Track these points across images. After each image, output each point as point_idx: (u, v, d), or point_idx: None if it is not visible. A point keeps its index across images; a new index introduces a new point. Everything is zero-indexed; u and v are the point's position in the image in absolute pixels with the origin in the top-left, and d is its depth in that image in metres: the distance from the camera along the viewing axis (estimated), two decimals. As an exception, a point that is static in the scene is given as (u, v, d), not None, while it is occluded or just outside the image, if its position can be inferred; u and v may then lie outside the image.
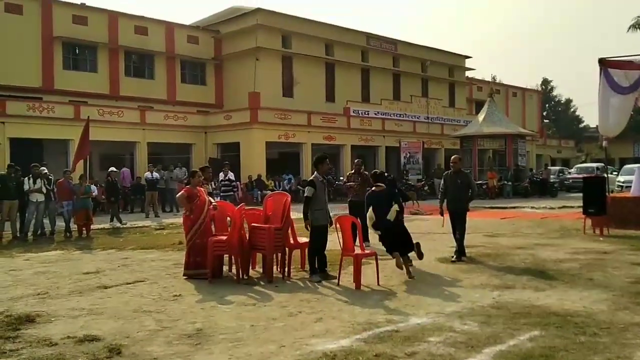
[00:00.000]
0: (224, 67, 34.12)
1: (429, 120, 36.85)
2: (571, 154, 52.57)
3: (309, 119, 29.41)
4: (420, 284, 7.43)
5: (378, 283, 7.38)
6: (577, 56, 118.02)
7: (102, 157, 26.24)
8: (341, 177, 24.43)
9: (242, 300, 6.65)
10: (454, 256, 9.10)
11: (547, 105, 71.24)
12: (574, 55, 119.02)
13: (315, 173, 8.06)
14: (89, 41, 28.69)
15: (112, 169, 17.66)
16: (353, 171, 11.55)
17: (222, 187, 17.90)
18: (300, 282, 7.70)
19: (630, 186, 14.91)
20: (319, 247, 7.92)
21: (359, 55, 36.94)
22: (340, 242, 7.56)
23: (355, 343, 4.87)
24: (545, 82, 73.94)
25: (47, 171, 14.01)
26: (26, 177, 13.53)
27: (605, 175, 14.11)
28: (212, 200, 8.72)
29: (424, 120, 36.73)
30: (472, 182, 9.87)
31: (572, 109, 75.49)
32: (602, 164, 28.86)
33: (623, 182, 24.50)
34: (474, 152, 29.92)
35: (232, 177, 18.80)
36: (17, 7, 26.52)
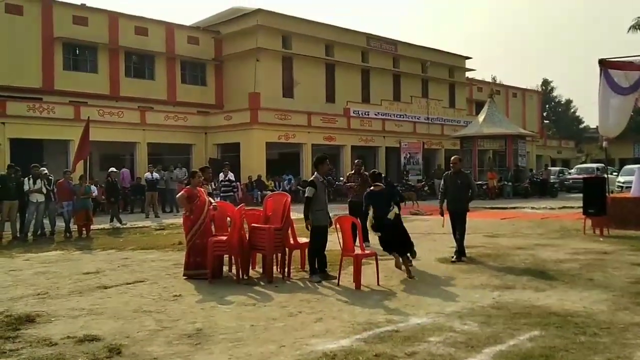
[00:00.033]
0: (224, 67, 34.14)
1: (429, 121, 36.85)
2: (571, 155, 52.59)
3: (309, 119, 29.42)
4: (420, 284, 7.43)
5: (378, 283, 7.38)
6: (577, 57, 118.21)
7: (102, 157, 26.25)
8: (341, 178, 24.43)
9: (242, 300, 6.65)
10: (454, 256, 9.10)
11: (547, 106, 71.25)
12: (574, 56, 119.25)
13: (316, 173, 8.05)
14: (89, 42, 28.71)
15: (112, 169, 17.67)
16: (353, 172, 11.55)
17: (222, 188, 17.90)
18: (300, 283, 7.70)
19: (630, 187, 14.92)
20: (319, 247, 7.91)
21: (359, 55, 36.95)
22: (340, 242, 7.57)
23: (355, 343, 4.87)
24: (546, 82, 74.05)
25: (47, 171, 14.02)
26: (26, 178, 13.52)
27: (606, 176, 14.12)
28: (212, 200, 8.71)
29: (424, 120, 36.74)
30: (472, 183, 9.89)
31: (572, 110, 75.54)
32: (602, 165, 28.89)
33: (623, 182, 24.52)
34: (474, 153, 29.91)
35: (232, 178, 18.80)
36: (17, 7, 26.54)
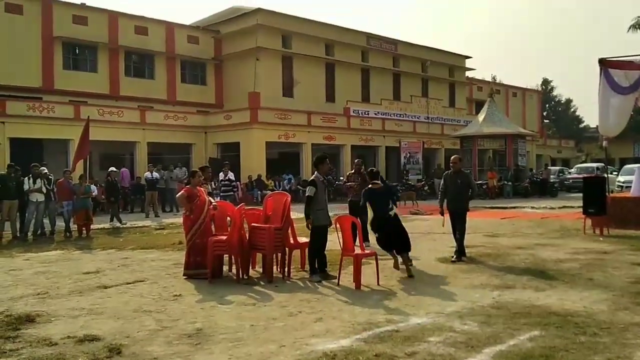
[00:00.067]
0: (224, 67, 34.13)
1: (429, 120, 36.85)
2: (571, 154, 52.58)
3: (309, 119, 29.41)
4: (420, 283, 7.43)
5: (378, 283, 7.38)
6: (577, 56, 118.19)
7: (102, 157, 26.26)
8: (341, 177, 24.43)
9: (242, 300, 6.65)
10: (454, 256, 9.10)
11: (547, 106, 71.23)
12: (574, 56, 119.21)
13: (316, 173, 8.05)
14: (89, 41, 28.69)
15: (112, 168, 17.67)
16: (353, 171, 11.55)
17: (222, 187, 17.92)
18: (300, 282, 7.70)
19: (630, 186, 14.92)
20: (318, 247, 7.91)
21: (359, 55, 36.94)
22: (340, 242, 7.57)
23: (356, 343, 4.87)
24: (546, 82, 74.02)
25: (47, 171, 14.01)
26: (26, 177, 13.53)
27: (605, 175, 14.12)
28: (212, 200, 8.71)
29: (424, 120, 36.73)
30: (472, 182, 9.89)
31: (572, 109, 75.51)
32: (602, 164, 28.86)
33: (623, 182, 24.52)
34: (474, 152, 29.91)
35: (232, 177, 18.82)
36: (17, 7, 26.52)
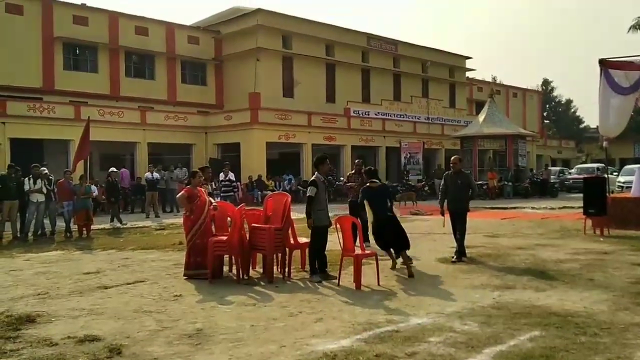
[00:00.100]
0: (225, 67, 34.13)
1: (430, 121, 36.84)
2: (571, 155, 52.57)
3: (309, 119, 29.41)
4: (421, 284, 7.43)
5: (378, 283, 7.38)
6: (578, 57, 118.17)
7: (102, 157, 26.26)
8: (342, 178, 24.44)
9: (242, 300, 6.65)
10: (455, 256, 9.10)
11: (547, 106, 71.24)
12: (574, 56, 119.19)
13: (316, 173, 8.05)
14: (89, 41, 28.72)
15: (112, 169, 17.65)
16: (353, 171, 11.56)
17: (222, 188, 17.92)
18: (300, 283, 7.70)
19: (631, 187, 14.92)
20: (319, 247, 7.92)
21: (359, 55, 36.95)
22: (341, 242, 7.57)
23: (356, 343, 4.87)
24: (546, 82, 74.05)
25: (47, 171, 14.02)
26: (26, 178, 13.53)
27: (606, 176, 14.13)
28: (212, 200, 8.72)
29: (425, 120, 36.72)
30: (473, 183, 9.90)
31: (572, 110, 75.53)
32: (603, 165, 28.87)
33: (623, 182, 24.52)
34: (474, 153, 29.89)
35: (233, 178, 18.81)
36: (17, 7, 26.54)
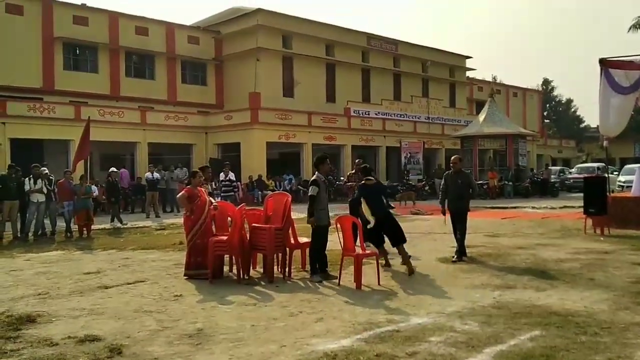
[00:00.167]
0: (225, 67, 34.14)
1: (430, 121, 36.83)
2: (572, 154, 52.56)
3: (310, 119, 29.41)
4: (421, 283, 7.43)
5: (379, 283, 7.37)
6: (578, 56, 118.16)
7: (102, 157, 26.26)
8: (342, 178, 24.46)
9: (242, 300, 6.65)
10: (455, 256, 9.10)
11: (547, 105, 71.25)
12: (574, 56, 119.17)
13: (317, 173, 8.04)
14: (89, 42, 28.73)
15: (112, 169, 17.64)
16: (353, 171, 11.56)
17: (222, 188, 17.93)
18: (301, 282, 7.70)
19: (631, 186, 14.91)
20: (319, 247, 7.92)
21: (359, 55, 36.95)
22: (341, 242, 7.57)
23: (356, 343, 4.87)
24: (546, 82, 74.06)
25: (47, 171, 14.03)
26: (27, 178, 13.53)
27: (606, 175, 14.13)
28: (212, 200, 8.72)
29: (425, 120, 36.71)
30: (473, 182, 9.90)
31: (572, 109, 75.54)
32: (603, 164, 28.86)
33: (624, 182, 24.53)
34: (474, 152, 29.89)
35: (233, 178, 18.82)
36: (17, 7, 26.55)
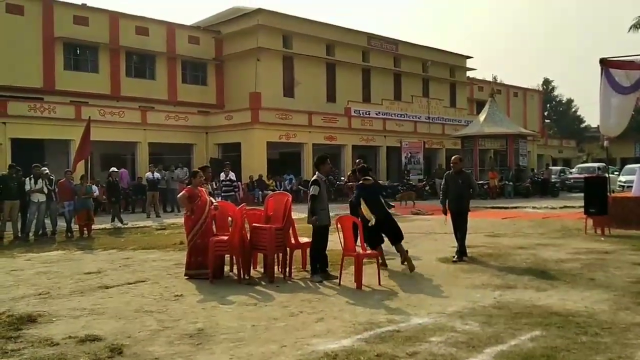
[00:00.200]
0: (225, 67, 34.15)
1: (430, 120, 36.83)
2: (572, 154, 52.54)
3: (310, 119, 29.41)
4: (422, 283, 7.43)
5: (379, 283, 7.37)
6: (578, 56, 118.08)
7: (103, 157, 26.27)
8: (342, 178, 24.45)
9: (243, 300, 6.65)
10: (455, 256, 9.10)
11: (548, 105, 71.21)
12: (575, 56, 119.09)
13: (317, 173, 8.05)
14: (90, 41, 28.75)
15: (113, 169, 17.65)
16: (352, 171, 11.57)
17: (223, 187, 17.92)
18: (301, 282, 7.70)
19: (632, 186, 14.90)
20: (320, 247, 7.92)
21: (359, 55, 36.96)
22: (342, 242, 7.57)
23: (357, 343, 4.87)
24: (547, 82, 73.98)
25: (48, 171, 14.04)
26: (27, 178, 13.54)
27: (607, 175, 14.15)
28: (213, 200, 8.72)
29: (425, 120, 36.71)
30: (473, 182, 9.90)
31: (573, 109, 75.45)
32: (604, 164, 28.94)
33: (624, 182, 24.55)
34: (475, 152, 29.89)
35: (233, 177, 18.81)
36: (18, 7, 26.57)
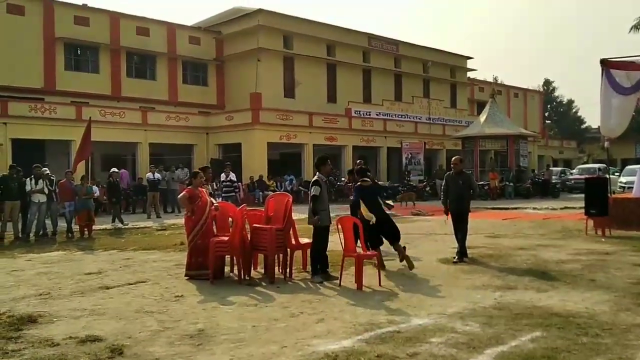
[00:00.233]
0: (226, 67, 34.18)
1: (431, 121, 36.83)
2: (573, 155, 52.53)
3: (311, 119, 29.42)
4: (422, 284, 7.43)
5: (380, 284, 7.37)
6: (579, 57, 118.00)
7: (103, 157, 26.26)
8: (342, 178, 24.45)
9: (243, 300, 6.65)
10: (456, 257, 9.09)
11: (548, 106, 71.18)
12: (575, 56, 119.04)
13: (318, 174, 8.04)
14: (90, 42, 28.78)
15: (113, 169, 17.67)
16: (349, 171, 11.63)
17: (223, 188, 17.90)
18: (301, 283, 7.70)
19: (632, 187, 14.90)
20: (320, 248, 7.92)
21: (360, 56, 36.98)
22: (342, 242, 7.57)
23: (357, 344, 4.87)
24: (547, 82, 73.95)
25: (48, 172, 14.06)
26: (28, 178, 13.55)
27: (607, 176, 14.13)
28: (213, 201, 8.72)
29: (426, 121, 36.71)
30: (474, 183, 9.90)
31: (574, 110, 75.42)
32: (604, 165, 28.94)
33: (625, 182, 24.54)
34: (475, 153, 29.88)
35: (234, 178, 18.79)
36: (19, 8, 26.61)
